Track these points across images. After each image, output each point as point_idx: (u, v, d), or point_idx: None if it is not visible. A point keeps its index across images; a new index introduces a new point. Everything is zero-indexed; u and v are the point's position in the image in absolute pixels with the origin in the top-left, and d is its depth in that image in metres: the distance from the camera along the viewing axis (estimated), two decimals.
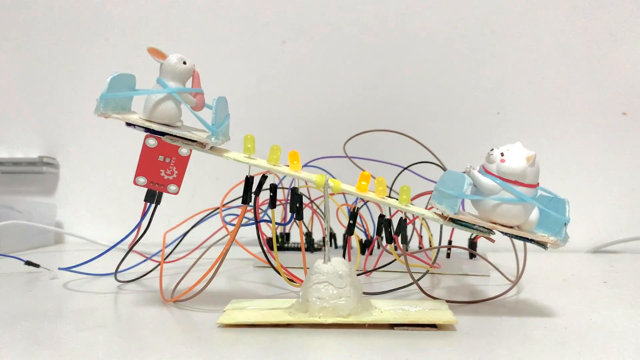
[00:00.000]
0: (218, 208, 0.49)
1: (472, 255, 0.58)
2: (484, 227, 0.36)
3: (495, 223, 0.36)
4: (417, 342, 0.31)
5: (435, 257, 0.53)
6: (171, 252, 0.54)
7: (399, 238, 0.40)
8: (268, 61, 0.89)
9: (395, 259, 0.49)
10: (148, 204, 0.41)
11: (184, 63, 0.36)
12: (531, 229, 0.36)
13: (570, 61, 0.85)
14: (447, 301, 0.39)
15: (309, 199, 0.59)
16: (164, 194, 0.40)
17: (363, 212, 0.57)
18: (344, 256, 0.54)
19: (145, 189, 0.40)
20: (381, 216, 0.40)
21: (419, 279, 0.43)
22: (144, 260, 0.54)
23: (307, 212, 0.59)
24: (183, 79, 0.37)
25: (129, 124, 0.37)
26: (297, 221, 0.41)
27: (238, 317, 0.35)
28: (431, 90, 0.87)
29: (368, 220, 0.60)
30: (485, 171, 0.35)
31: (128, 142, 0.91)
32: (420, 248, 0.63)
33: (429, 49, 0.87)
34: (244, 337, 0.32)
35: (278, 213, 0.65)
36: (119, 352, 0.30)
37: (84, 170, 0.93)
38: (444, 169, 0.56)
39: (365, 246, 0.60)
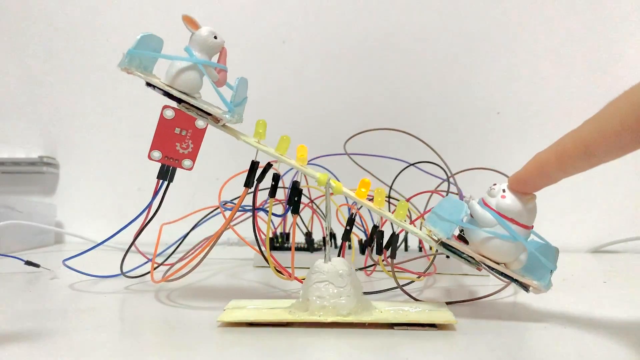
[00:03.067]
0: (218, 207, 0.49)
1: None
2: (472, 258, 0.36)
3: (483, 256, 0.36)
4: (417, 342, 0.31)
5: (433, 260, 0.53)
6: (173, 251, 0.54)
7: (388, 251, 0.40)
8: (268, 61, 0.89)
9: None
10: (161, 181, 0.41)
11: (215, 37, 0.36)
12: (518, 270, 0.36)
13: (570, 61, 0.85)
14: (440, 302, 0.39)
15: (309, 198, 0.59)
16: (176, 178, 0.39)
17: (363, 211, 0.57)
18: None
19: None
20: (375, 227, 0.40)
21: (404, 285, 0.43)
22: (145, 262, 0.54)
23: (307, 212, 0.59)
24: (210, 53, 0.37)
25: (148, 84, 0.36)
26: (293, 215, 0.40)
27: (238, 316, 0.35)
28: (431, 90, 0.87)
29: (368, 220, 0.60)
30: (484, 204, 0.35)
31: (128, 142, 0.91)
32: (420, 249, 0.63)
33: (429, 49, 0.88)
34: (244, 337, 0.32)
35: (278, 213, 0.64)
36: (119, 351, 0.30)
37: (84, 170, 0.93)
38: (445, 169, 0.56)
39: (365, 246, 0.60)
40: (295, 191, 0.39)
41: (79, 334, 0.33)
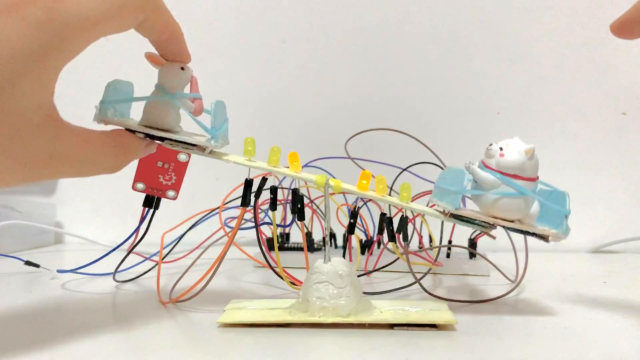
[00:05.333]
0: (217, 208, 0.49)
1: (472, 255, 0.58)
2: (485, 222, 0.36)
3: (496, 218, 0.36)
4: (417, 342, 0.31)
5: (437, 255, 0.53)
6: (169, 252, 0.54)
7: (401, 236, 0.40)
8: (268, 61, 0.89)
9: (396, 259, 0.49)
10: (146, 209, 0.41)
11: (182, 69, 0.36)
12: (532, 223, 0.36)
13: (570, 61, 0.85)
14: (447, 299, 0.39)
15: (309, 199, 0.59)
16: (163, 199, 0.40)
17: (363, 212, 0.57)
18: (343, 256, 0.54)
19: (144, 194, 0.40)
20: (383, 214, 0.40)
21: (420, 278, 0.43)
22: (143, 261, 0.54)
23: (307, 212, 0.59)
24: (182, 84, 0.36)
25: (129, 130, 0.37)
26: (299, 222, 0.41)
27: (238, 317, 0.35)
28: (431, 90, 0.87)
29: (368, 220, 0.60)
30: (484, 166, 0.35)
31: None
32: (420, 247, 0.63)
33: (429, 49, 0.87)
34: (244, 337, 0.32)
35: (278, 213, 0.64)
36: (119, 352, 0.30)
37: None
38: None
39: (365, 246, 0.59)
40: (297, 198, 0.39)
41: (78, 334, 0.33)
